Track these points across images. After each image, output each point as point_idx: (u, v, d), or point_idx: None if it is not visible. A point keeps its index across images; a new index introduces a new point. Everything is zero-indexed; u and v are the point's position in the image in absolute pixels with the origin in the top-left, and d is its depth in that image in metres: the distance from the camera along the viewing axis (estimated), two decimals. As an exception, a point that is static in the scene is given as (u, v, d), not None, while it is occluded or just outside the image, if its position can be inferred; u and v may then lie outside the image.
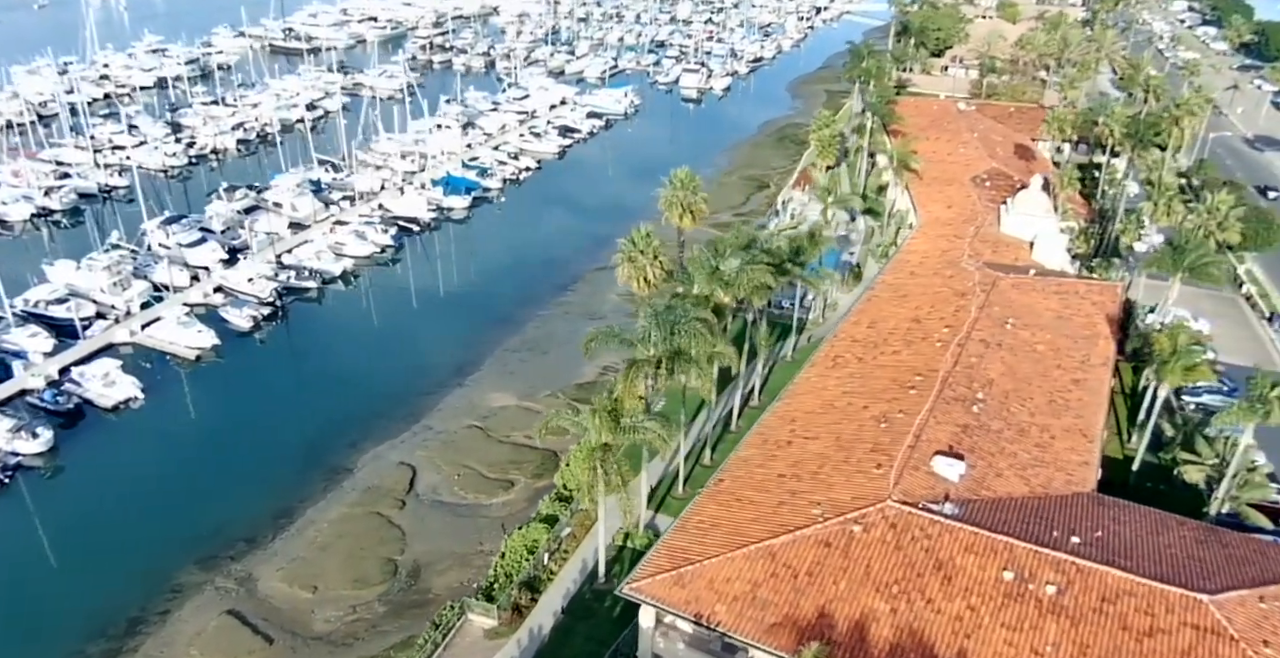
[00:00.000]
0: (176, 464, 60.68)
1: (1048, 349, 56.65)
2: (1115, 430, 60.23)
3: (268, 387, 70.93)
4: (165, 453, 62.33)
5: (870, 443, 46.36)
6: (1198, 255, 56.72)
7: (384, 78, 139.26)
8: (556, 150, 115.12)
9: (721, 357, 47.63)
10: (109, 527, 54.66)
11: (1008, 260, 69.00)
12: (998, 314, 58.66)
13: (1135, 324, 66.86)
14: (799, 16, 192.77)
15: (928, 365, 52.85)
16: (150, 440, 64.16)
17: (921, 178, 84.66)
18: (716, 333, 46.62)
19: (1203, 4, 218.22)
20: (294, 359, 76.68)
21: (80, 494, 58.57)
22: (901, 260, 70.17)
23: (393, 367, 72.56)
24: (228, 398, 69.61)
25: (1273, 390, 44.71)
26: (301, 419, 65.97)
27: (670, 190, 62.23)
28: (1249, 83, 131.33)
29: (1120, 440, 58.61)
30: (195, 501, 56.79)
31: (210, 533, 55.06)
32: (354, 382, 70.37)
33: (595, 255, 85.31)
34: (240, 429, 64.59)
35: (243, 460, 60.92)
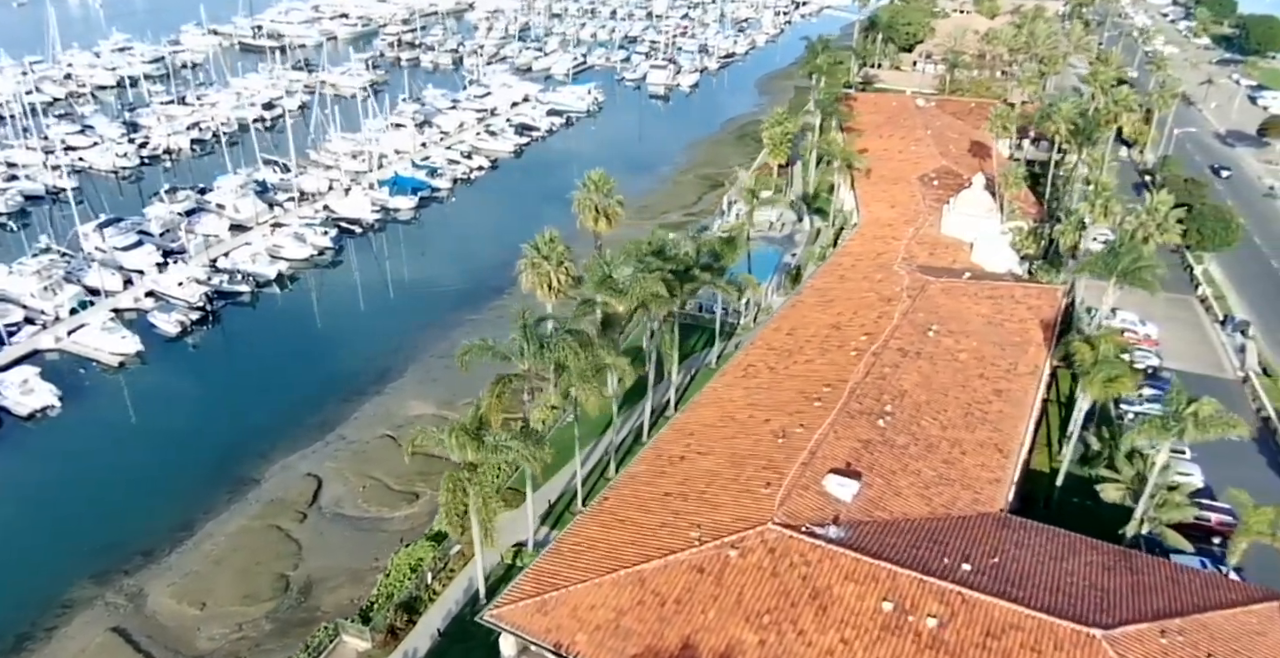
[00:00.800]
0: (85, 475, 58.98)
1: (971, 357, 54.18)
2: (1046, 443, 57.91)
3: (188, 394, 69.13)
4: (75, 463, 60.69)
5: (764, 460, 44.00)
6: (1132, 259, 54.04)
7: (346, 76, 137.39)
8: (512, 149, 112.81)
9: (615, 369, 45.27)
10: (8, 540, 53.16)
11: (945, 263, 66.56)
12: (921, 321, 56.22)
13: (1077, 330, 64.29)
14: (776, 11, 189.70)
15: (838, 376, 50.47)
16: (61, 450, 62.66)
17: (869, 176, 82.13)
18: (604, 344, 44.27)
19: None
20: (218, 366, 74.67)
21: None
22: (834, 263, 67.72)
23: (316, 374, 70.62)
24: (145, 406, 67.97)
25: (1188, 406, 42.19)
26: (217, 428, 64.29)
27: (583, 193, 59.84)
28: (1228, 77, 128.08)
29: (1049, 453, 56.20)
30: (99, 513, 55.37)
31: (109, 546, 53.55)
32: (275, 389, 68.72)
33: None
34: (153, 439, 63.12)
35: (152, 471, 59.28)
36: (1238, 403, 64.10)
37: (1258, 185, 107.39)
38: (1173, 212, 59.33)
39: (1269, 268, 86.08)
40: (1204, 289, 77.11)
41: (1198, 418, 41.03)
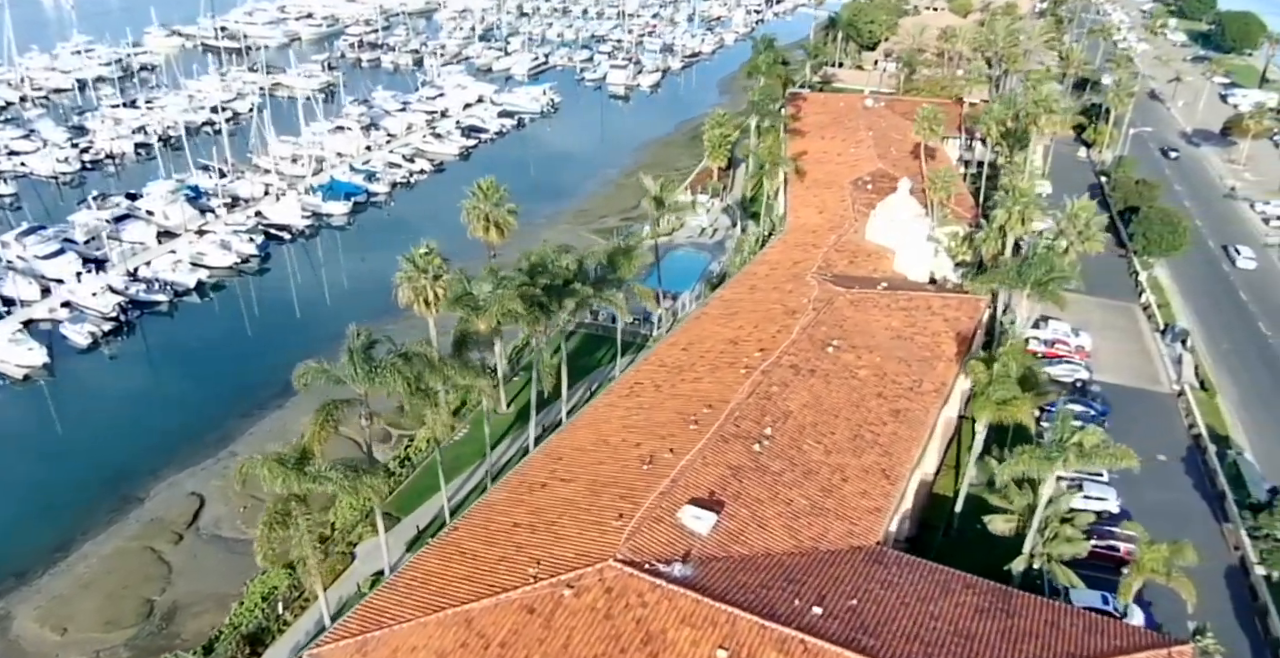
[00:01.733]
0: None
1: (871, 375, 51.36)
2: (955, 465, 55.20)
3: (89, 409, 67.25)
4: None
5: (624, 488, 41.27)
6: (1044, 270, 51.09)
7: (301, 78, 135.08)
8: (458, 152, 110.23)
9: (475, 390, 42.78)
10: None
11: (865, 272, 63.70)
12: (823, 335, 53.41)
13: (999, 343, 61.49)
14: (749, 9, 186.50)
15: (722, 396, 47.67)
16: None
17: (802, 180, 79.33)
18: (455, 365, 41.75)
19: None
20: (125, 379, 72.45)
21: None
22: (749, 272, 64.99)
23: (222, 387, 68.62)
24: (44, 421, 66.29)
25: (1072, 436, 39.33)
26: (113, 444, 62.46)
27: (472, 202, 57.25)
28: (1200, 74, 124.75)
29: (955, 476, 53.45)
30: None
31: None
32: (179, 403, 66.83)
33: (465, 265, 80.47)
34: (46, 455, 61.24)
35: (39, 490, 57.49)
36: (1171, 418, 61.46)
37: (1219, 186, 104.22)
38: (1095, 219, 56.24)
39: (1220, 273, 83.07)
40: (1147, 296, 74.06)
41: (1081, 448, 38.11)
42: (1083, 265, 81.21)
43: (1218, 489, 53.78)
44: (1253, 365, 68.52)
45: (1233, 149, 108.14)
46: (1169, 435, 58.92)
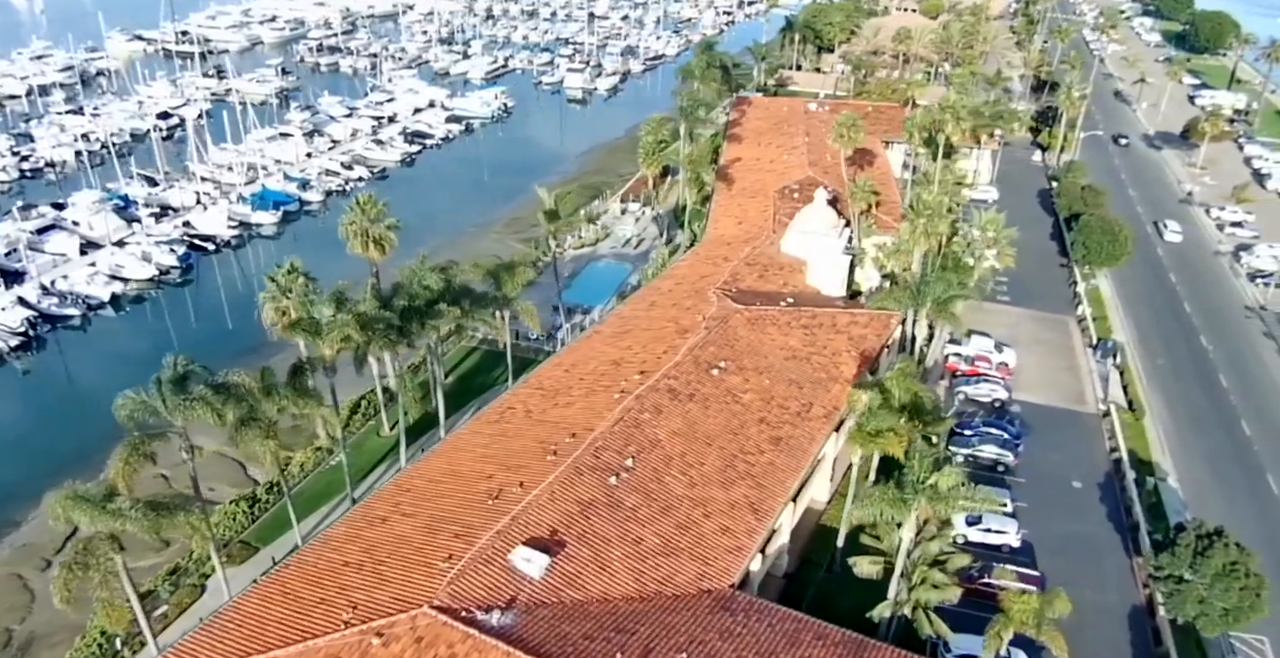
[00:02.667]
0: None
1: (756, 398, 48.68)
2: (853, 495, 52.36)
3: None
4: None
5: (462, 525, 38.81)
6: (942, 288, 48.24)
7: (255, 83, 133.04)
8: (399, 159, 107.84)
9: (313, 419, 40.29)
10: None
11: (775, 286, 60.95)
12: (710, 356, 50.72)
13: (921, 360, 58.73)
14: (719, 10, 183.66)
15: (589, 423, 45.08)
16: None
17: (730, 189, 76.66)
18: (289, 393, 39.29)
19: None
20: (25, 397, 70.32)
21: None
22: (653, 287, 62.41)
23: (120, 406, 66.25)
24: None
25: (932, 474, 36.40)
26: (2, 466, 60.10)
27: (350, 217, 54.82)
28: (1164, 75, 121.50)
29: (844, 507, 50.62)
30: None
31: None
32: (78, 421, 64.04)
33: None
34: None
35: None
36: (1093, 441, 58.42)
37: (1176, 191, 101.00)
38: (1005, 232, 53.24)
39: (1165, 284, 79.90)
40: (1083, 309, 71.00)
41: (935, 491, 35.21)
42: (1023, 275, 79.40)
43: (1133, 520, 50.78)
44: (1188, 382, 65.54)
45: (1194, 152, 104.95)
46: (1089, 460, 55.99)
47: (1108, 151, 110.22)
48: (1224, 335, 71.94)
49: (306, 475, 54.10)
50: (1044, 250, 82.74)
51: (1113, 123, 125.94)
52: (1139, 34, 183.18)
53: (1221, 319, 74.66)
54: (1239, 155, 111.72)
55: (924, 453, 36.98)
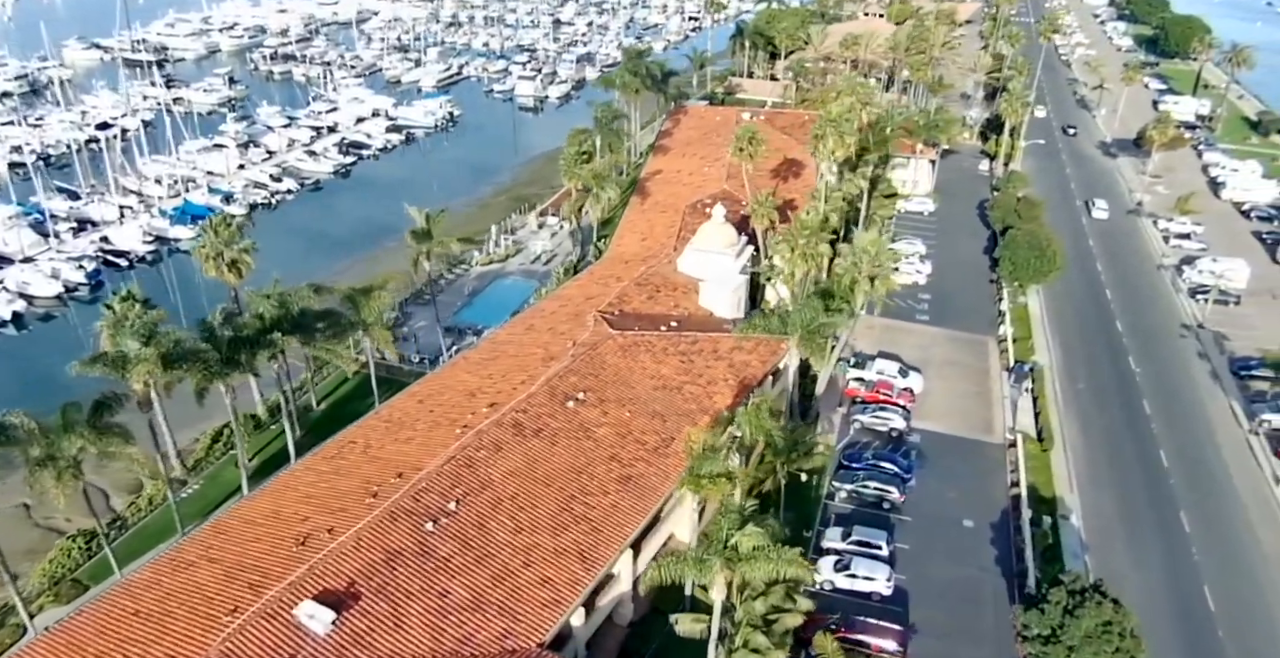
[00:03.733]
0: None
1: (612, 433, 45.59)
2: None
3: None
4: None
5: (261, 574, 36.03)
6: (808, 316, 44.93)
7: (202, 92, 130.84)
8: (332, 170, 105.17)
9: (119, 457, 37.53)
10: None
11: (664, 308, 57.79)
12: (570, 387, 47.64)
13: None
14: (686, 17, 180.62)
15: (421, 461, 42.15)
16: None
17: (643, 202, 73.63)
18: (88, 432, 36.56)
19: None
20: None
21: None
22: (537, 309, 59.46)
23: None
24: None
25: (730, 539, 32.56)
26: None
27: (204, 240, 52.07)
28: (1121, 81, 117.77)
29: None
30: None
31: None
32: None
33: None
34: None
35: None
36: (995, 475, 54.75)
37: (1126, 200, 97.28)
38: (886, 252, 49.88)
39: (1100, 300, 76.19)
40: (1004, 329, 67.43)
41: (736, 553, 31.90)
42: (948, 292, 75.81)
43: (1023, 564, 47.22)
44: (1108, 409, 61.85)
45: (1150, 160, 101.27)
46: (986, 496, 52.32)
47: (1059, 160, 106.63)
48: (1155, 357, 68.28)
49: (155, 509, 51.43)
50: (976, 265, 79.42)
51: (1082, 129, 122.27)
52: (1111, 38, 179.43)
53: (1155, 339, 70.93)
54: (1198, 163, 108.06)
55: (731, 508, 33.70)
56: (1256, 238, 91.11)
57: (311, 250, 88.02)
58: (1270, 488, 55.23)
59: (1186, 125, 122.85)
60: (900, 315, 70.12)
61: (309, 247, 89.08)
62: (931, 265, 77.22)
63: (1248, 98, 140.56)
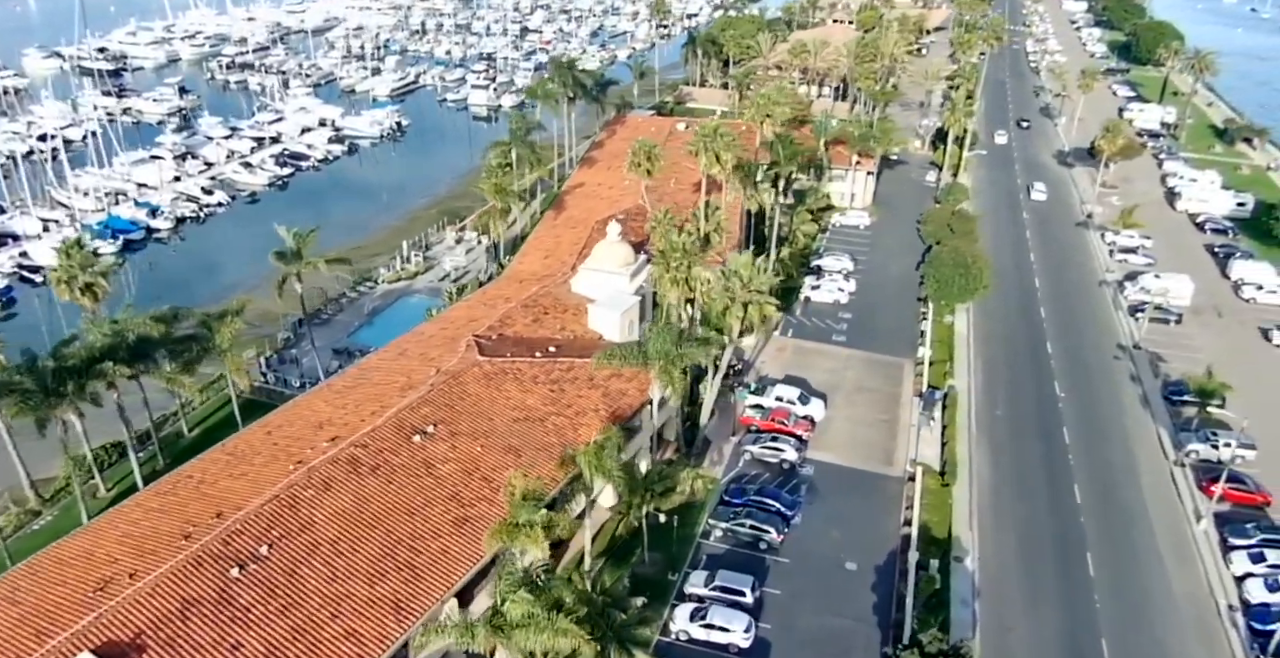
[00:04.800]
0: None
1: (457, 470, 42.87)
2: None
3: None
4: None
5: (49, 621, 34.02)
6: (663, 343, 41.96)
7: (152, 102, 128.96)
8: (267, 182, 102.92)
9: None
10: None
11: (550, 331, 55.11)
12: (422, 418, 44.99)
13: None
14: (655, 23, 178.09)
15: (246, 499, 39.61)
16: None
17: (557, 217, 71.01)
18: None
19: (1096, 4, 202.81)
20: None
21: None
22: (416, 333, 56.86)
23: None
24: None
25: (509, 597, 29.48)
26: None
27: (59, 262, 49.72)
28: (1079, 88, 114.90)
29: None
30: None
31: None
32: None
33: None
34: None
35: None
36: (889, 511, 51.16)
37: (1077, 212, 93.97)
38: (763, 277, 46.72)
39: (1033, 319, 72.91)
40: (923, 351, 64.31)
41: (505, 621, 28.98)
42: (872, 311, 72.55)
43: (901, 614, 43.61)
44: (1024, 438, 58.41)
45: (1105, 170, 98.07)
46: (875, 536, 48.93)
47: (1011, 170, 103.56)
48: (1084, 380, 64.92)
49: (5, 540, 48.87)
50: (906, 282, 76.17)
51: (1033, 137, 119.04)
52: (1085, 44, 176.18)
53: (1087, 361, 67.57)
54: (1159, 172, 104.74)
55: (509, 571, 30.81)
56: (1209, 251, 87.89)
57: (228, 266, 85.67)
58: (1189, 526, 51.80)
59: (1150, 133, 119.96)
60: (816, 336, 67.22)
61: (226, 263, 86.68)
62: (856, 283, 74.17)
63: (1218, 104, 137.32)
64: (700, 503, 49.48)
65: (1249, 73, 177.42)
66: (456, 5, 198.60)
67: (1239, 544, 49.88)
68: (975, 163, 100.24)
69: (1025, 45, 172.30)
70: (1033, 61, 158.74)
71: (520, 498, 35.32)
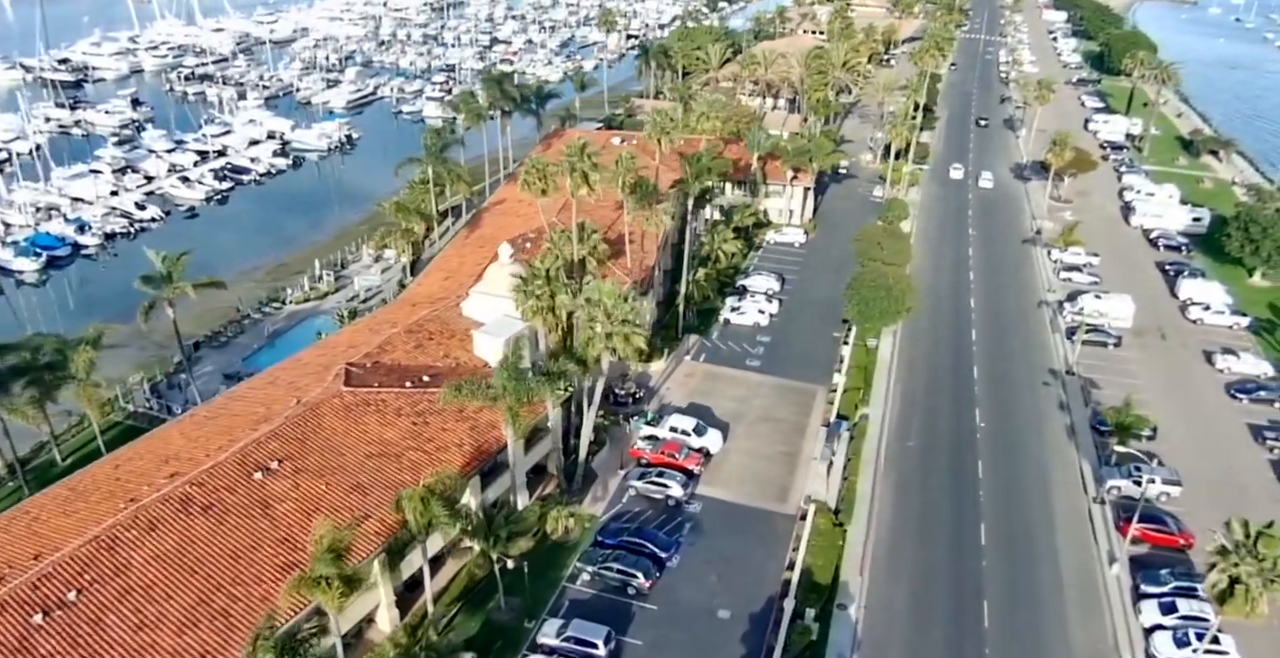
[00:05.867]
0: None
1: (295, 510, 40.57)
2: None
3: None
4: None
5: None
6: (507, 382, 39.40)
7: (104, 114, 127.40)
8: (205, 197, 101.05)
9: None
10: None
11: (433, 359, 52.74)
12: (268, 453, 42.77)
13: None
14: (625, 34, 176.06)
15: (66, 540, 37.60)
16: None
17: (469, 236, 68.83)
18: None
19: (1075, 14, 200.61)
20: None
21: None
22: (295, 358, 54.58)
23: None
24: None
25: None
26: None
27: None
28: (1036, 99, 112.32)
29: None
30: None
31: None
32: None
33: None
34: None
35: None
36: (776, 553, 47.68)
37: (1027, 228, 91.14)
38: (625, 306, 43.65)
39: (963, 342, 70.06)
40: (838, 378, 61.60)
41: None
42: (792, 334, 69.54)
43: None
44: (936, 472, 55.21)
45: (1062, 184, 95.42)
46: (756, 580, 45.91)
47: (965, 185, 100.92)
48: (1008, 409, 61.67)
49: None
50: (834, 304, 72.13)
51: (992, 149, 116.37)
52: (1060, 54, 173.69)
53: (1014, 387, 64.41)
54: (1118, 186, 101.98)
55: (263, 633, 28.32)
56: (1160, 269, 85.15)
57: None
58: (1101, 570, 48.49)
59: (1113, 145, 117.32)
60: (730, 361, 64.56)
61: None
62: (781, 304, 71.62)
63: (1189, 115, 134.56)
64: (574, 543, 47.05)
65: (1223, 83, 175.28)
66: (430, 16, 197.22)
67: (1150, 593, 46.60)
68: (927, 177, 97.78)
69: (999, 55, 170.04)
70: (1003, 72, 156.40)
71: (325, 549, 32.92)
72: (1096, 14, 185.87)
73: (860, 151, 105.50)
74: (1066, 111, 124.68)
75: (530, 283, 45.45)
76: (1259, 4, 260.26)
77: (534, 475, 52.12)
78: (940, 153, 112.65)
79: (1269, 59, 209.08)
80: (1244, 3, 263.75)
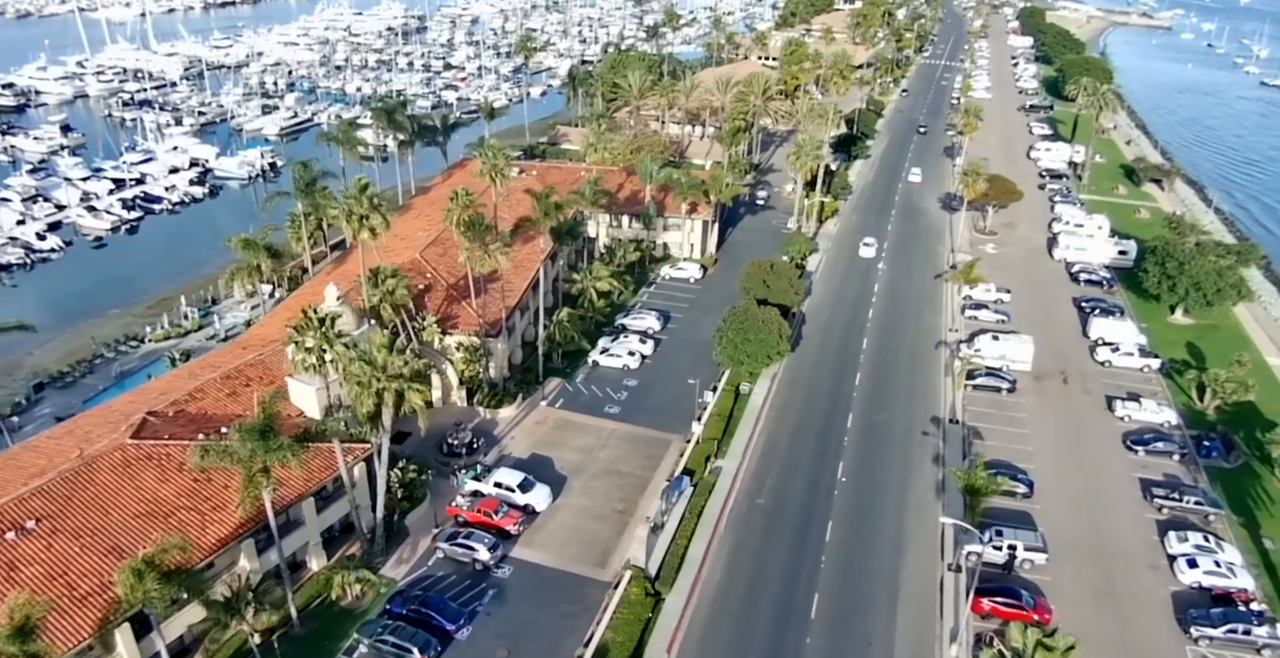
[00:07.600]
0: None
1: (40, 575, 38.07)
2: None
3: None
4: None
5: None
6: (251, 448, 36.32)
7: (34, 141, 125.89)
8: (111, 226, 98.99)
9: None
10: None
11: (243, 408, 49.68)
12: (29, 510, 40.53)
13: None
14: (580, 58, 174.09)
15: None
16: None
17: (330, 273, 66.15)
18: None
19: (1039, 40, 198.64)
20: None
21: None
22: (106, 406, 51.97)
23: None
24: None
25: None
26: None
27: None
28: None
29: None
30: None
31: None
32: None
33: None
34: None
35: None
36: (579, 626, 43.78)
37: (942, 262, 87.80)
38: (397, 360, 40.72)
39: (844, 387, 66.29)
40: (696, 427, 58.21)
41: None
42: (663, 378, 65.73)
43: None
44: (779, 534, 50.95)
45: (985, 215, 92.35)
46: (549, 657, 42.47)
47: (887, 215, 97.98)
48: (876, 462, 57.85)
49: None
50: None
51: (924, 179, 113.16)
52: (1018, 80, 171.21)
53: (889, 438, 60.51)
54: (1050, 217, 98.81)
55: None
56: (1076, 306, 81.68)
57: (38, 318, 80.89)
58: (940, 650, 44.17)
59: (1053, 174, 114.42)
60: (588, 407, 61.31)
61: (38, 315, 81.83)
62: (658, 345, 68.58)
63: (1139, 142, 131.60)
64: (363, 611, 43.91)
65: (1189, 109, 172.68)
66: (388, 40, 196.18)
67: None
68: (847, 208, 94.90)
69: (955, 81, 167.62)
70: (955, 98, 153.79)
71: (15, 627, 30.00)
72: (1058, 39, 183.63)
73: (785, 182, 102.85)
74: (1013, 138, 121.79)
75: (302, 333, 42.50)
76: (1230, 30, 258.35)
77: (345, 535, 49.19)
78: (867, 182, 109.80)
79: (1238, 84, 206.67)
80: (1215, 28, 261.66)
